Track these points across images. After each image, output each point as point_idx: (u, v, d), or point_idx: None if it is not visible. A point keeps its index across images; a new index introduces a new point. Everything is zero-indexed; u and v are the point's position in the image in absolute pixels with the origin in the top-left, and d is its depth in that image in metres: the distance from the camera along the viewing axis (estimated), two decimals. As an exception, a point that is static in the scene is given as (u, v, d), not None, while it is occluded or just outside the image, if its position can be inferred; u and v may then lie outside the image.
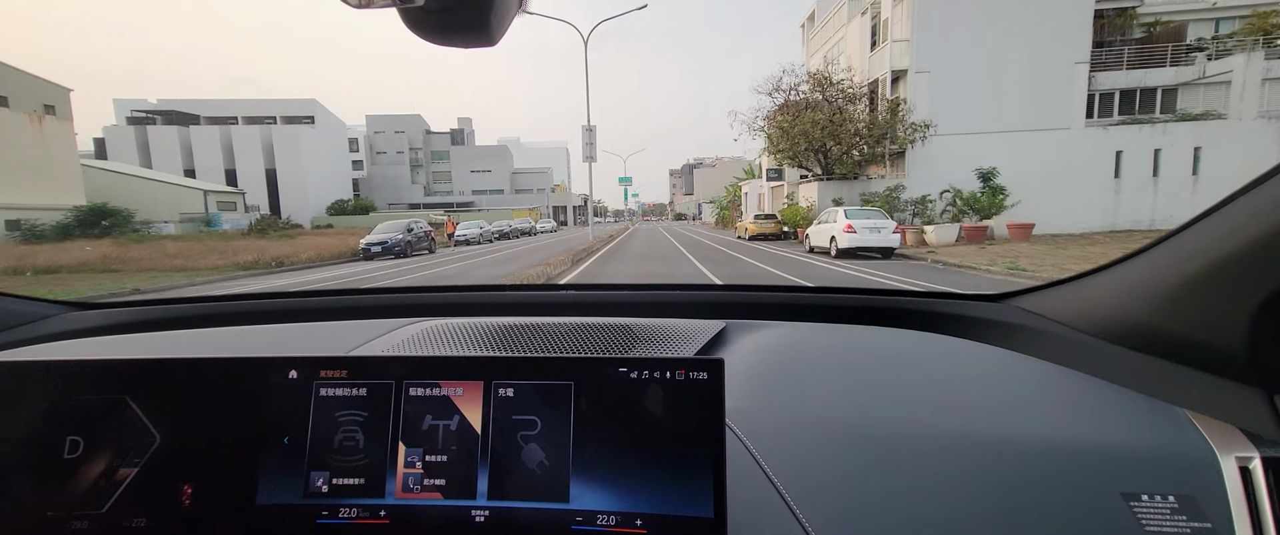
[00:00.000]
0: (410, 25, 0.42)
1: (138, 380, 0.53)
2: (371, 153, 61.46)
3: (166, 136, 46.54)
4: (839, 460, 0.58)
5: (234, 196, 40.08)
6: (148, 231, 27.72)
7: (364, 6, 0.36)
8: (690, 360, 0.49)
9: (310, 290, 1.26)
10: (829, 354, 0.83)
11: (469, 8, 0.41)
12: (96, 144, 46.71)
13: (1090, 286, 0.77)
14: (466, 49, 0.44)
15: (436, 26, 0.42)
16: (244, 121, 49.74)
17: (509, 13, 0.44)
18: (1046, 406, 0.66)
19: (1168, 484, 0.53)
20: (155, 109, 49.80)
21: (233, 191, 40.07)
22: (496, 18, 0.42)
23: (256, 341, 0.95)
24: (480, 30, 0.43)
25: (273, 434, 0.51)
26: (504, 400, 0.50)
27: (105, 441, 0.51)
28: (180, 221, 32.99)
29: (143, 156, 45.62)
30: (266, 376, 0.52)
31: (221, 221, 34.79)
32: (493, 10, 0.42)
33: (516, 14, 0.45)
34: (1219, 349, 0.59)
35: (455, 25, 0.42)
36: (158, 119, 48.71)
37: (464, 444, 0.50)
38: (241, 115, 50.24)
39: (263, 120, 49.75)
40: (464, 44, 0.44)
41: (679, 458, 0.47)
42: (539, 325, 0.91)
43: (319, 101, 51.92)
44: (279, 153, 47.78)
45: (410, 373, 0.51)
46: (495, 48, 0.44)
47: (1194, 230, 0.60)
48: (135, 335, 0.99)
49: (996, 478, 0.55)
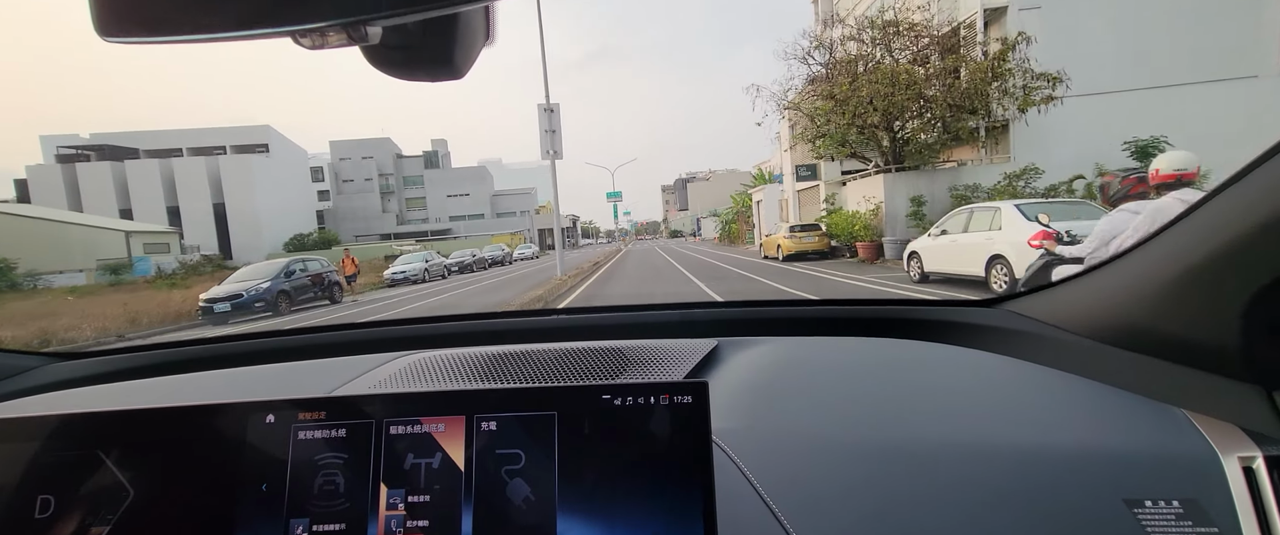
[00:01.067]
0: (372, 62, 0.41)
1: (111, 433, 0.51)
2: (337, 181, 56.52)
3: (98, 174, 41.39)
4: (834, 475, 0.57)
5: (165, 237, 34.87)
6: (35, 284, 22.64)
7: (317, 47, 0.35)
8: (674, 384, 0.49)
9: (294, 329, 1.20)
10: (822, 368, 0.82)
11: (432, 44, 0.40)
12: (18, 186, 41.47)
13: (1082, 287, 0.77)
14: (433, 82, 0.43)
15: (399, 62, 0.41)
16: (189, 153, 44.70)
17: (475, 46, 0.42)
18: (1044, 412, 0.66)
19: (1171, 488, 0.52)
20: (88, 144, 44.67)
21: (163, 231, 34.88)
22: (462, 52, 0.42)
23: (240, 384, 0.94)
24: (445, 64, 0.42)
25: (250, 482, 0.49)
26: (487, 434, 0.49)
27: (77, 499, 0.49)
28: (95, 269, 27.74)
29: (72, 198, 40.40)
30: (243, 422, 0.51)
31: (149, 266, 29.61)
32: (457, 45, 0.41)
33: (484, 46, 0.43)
34: (1213, 346, 0.58)
35: (419, 60, 0.41)
36: (92, 155, 43.61)
37: (447, 482, 0.48)
38: (187, 146, 45.22)
39: (211, 151, 44.73)
40: (429, 78, 0.43)
41: (667, 484, 0.47)
42: (528, 353, 0.88)
43: (274, 128, 47.10)
44: (228, 185, 42.72)
45: (390, 411, 0.50)
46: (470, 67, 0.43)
47: (1181, 226, 0.59)
48: (118, 384, 0.98)
49: (996, 487, 0.54)
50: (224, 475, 0.49)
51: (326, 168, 56.19)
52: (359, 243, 47.98)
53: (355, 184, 56.44)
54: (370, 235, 53.18)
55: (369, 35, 0.34)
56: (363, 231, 53.68)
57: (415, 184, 58.89)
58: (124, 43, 0.34)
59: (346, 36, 0.34)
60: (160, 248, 33.19)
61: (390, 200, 57.76)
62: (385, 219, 56.07)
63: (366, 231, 53.63)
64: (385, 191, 57.35)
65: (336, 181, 56.43)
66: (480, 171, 59.68)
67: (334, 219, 54.92)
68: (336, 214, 55.17)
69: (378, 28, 0.34)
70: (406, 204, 59.07)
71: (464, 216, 57.55)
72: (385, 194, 57.47)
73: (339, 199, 55.83)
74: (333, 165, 56.38)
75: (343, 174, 56.60)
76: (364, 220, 55.10)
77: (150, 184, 41.71)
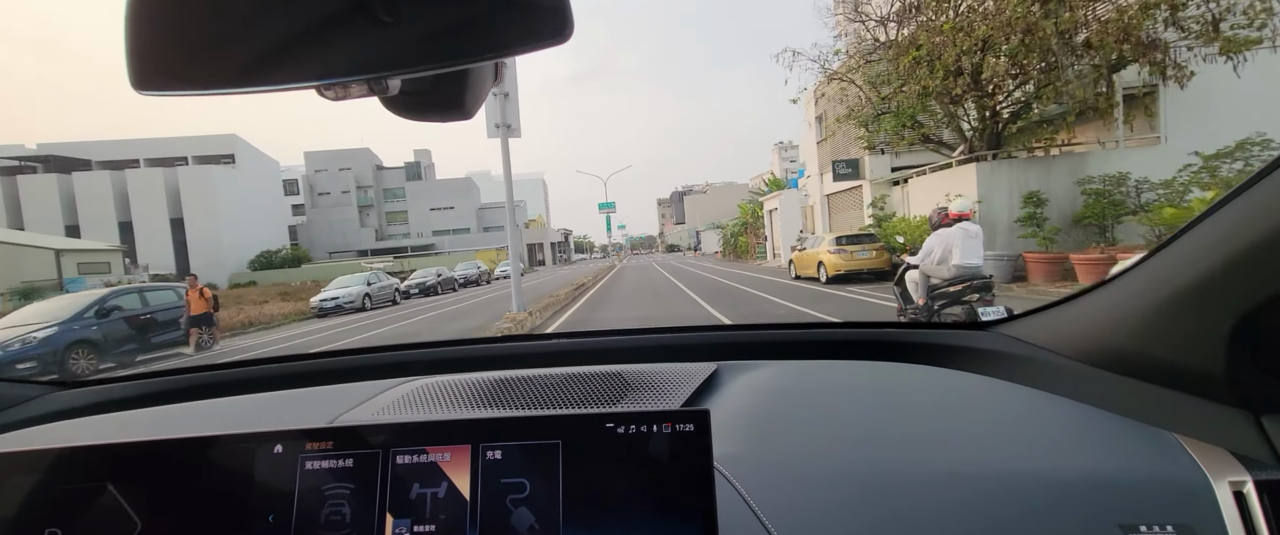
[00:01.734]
0: (388, 107, 0.42)
1: (120, 465, 0.51)
2: (312, 195, 53.08)
3: (43, 187, 37.72)
4: (833, 501, 0.58)
5: (105, 255, 31.18)
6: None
7: (340, 99, 0.36)
8: (676, 413, 0.49)
9: (297, 354, 1.21)
10: (820, 393, 0.84)
11: (445, 89, 0.41)
12: (-49, 201, 37.78)
13: (1073, 311, 0.77)
14: (444, 123, 0.44)
15: (413, 107, 0.43)
16: (147, 164, 41.20)
17: (484, 89, 0.44)
18: (1038, 436, 0.66)
19: (1165, 513, 0.52)
20: (34, 155, 41.00)
21: (102, 249, 31.17)
22: (472, 96, 0.43)
23: (244, 412, 0.94)
24: (456, 108, 0.43)
25: (257, 512, 0.49)
26: (492, 463, 0.49)
27: (85, 531, 0.49)
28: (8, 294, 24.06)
29: (11, 214, 36.65)
30: (251, 452, 0.51)
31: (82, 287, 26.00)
32: (468, 90, 0.42)
33: (492, 88, 0.45)
34: (1201, 372, 0.59)
35: (432, 105, 0.43)
36: (38, 167, 39.99)
37: (452, 512, 0.48)
38: (144, 157, 41.70)
39: (171, 162, 41.20)
40: (441, 120, 0.44)
41: (669, 512, 0.47)
42: (530, 377, 0.89)
43: (242, 138, 43.66)
44: (188, 198, 39.16)
45: (397, 440, 0.50)
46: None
47: (1166, 253, 0.60)
48: (121, 414, 0.97)
49: (992, 513, 0.54)
50: (231, 506, 0.49)
51: (301, 180, 52.76)
52: (334, 259, 44.44)
53: (331, 197, 53.00)
54: (346, 251, 49.65)
55: (389, 87, 0.36)
56: (339, 247, 50.13)
57: (396, 197, 55.55)
58: (158, 96, 0.35)
59: (368, 89, 0.36)
60: (99, 268, 29.52)
61: (369, 214, 54.31)
62: (363, 234, 52.57)
63: (343, 247, 50.10)
64: (364, 205, 53.92)
65: (311, 195, 52.98)
66: (465, 184, 56.47)
67: (308, 234, 51.37)
68: (311, 229, 51.62)
69: (397, 80, 0.36)
70: (387, 218, 55.64)
71: (448, 231, 54.19)
72: (364, 207, 54.03)
73: (314, 213, 52.33)
74: (308, 177, 52.96)
75: (318, 186, 53.18)
76: (340, 235, 51.58)
77: (101, 197, 38.06)
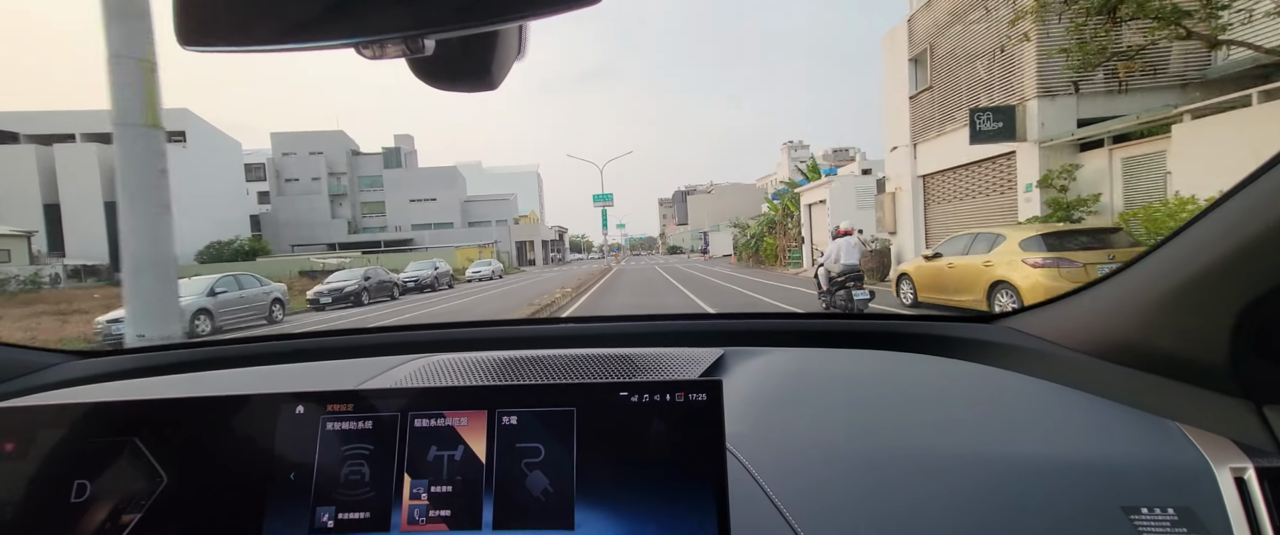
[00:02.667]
0: (417, 73, 0.43)
1: (146, 420, 0.53)
2: (279, 180, 48.13)
3: (-47, 161, 32.63)
4: (840, 481, 0.59)
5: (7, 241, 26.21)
6: None
7: (376, 58, 0.37)
8: (689, 382, 0.50)
9: (313, 331, 1.21)
10: (826, 378, 0.84)
11: (473, 56, 0.43)
12: None
13: (1077, 305, 0.79)
14: (469, 93, 0.46)
15: (442, 74, 0.44)
16: (84, 138, 36.16)
17: (509, 59, 0.45)
18: (1043, 424, 0.67)
19: (1166, 497, 0.53)
20: (-50, 125, 35.86)
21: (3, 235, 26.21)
22: (498, 65, 0.44)
23: (261, 382, 0.94)
24: (483, 76, 0.44)
25: (279, 470, 0.51)
26: (507, 429, 0.50)
27: (113, 484, 0.51)
28: None
29: (-84, 190, 31.61)
30: (273, 412, 0.52)
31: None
32: (494, 59, 0.43)
33: (516, 60, 0.46)
34: (1204, 363, 0.60)
35: (460, 72, 0.44)
36: (-45, 139, 34.91)
37: (469, 473, 0.50)
38: (82, 131, 36.67)
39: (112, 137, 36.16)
40: (468, 89, 0.45)
41: (681, 480, 0.48)
42: (540, 357, 0.91)
43: (194, 113, 38.70)
44: (127, 179, 34.18)
45: (415, 404, 0.51)
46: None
47: (1171, 246, 0.61)
48: (139, 380, 0.99)
49: (997, 495, 0.55)
50: (254, 464, 0.51)
51: (268, 164, 47.79)
52: (297, 253, 39.57)
53: (300, 184, 48.09)
54: (315, 244, 44.80)
55: (425, 47, 0.37)
56: (306, 240, 45.27)
57: (373, 186, 50.72)
58: (203, 51, 0.36)
59: (404, 48, 0.36)
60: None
61: (342, 204, 49.47)
62: (334, 226, 47.73)
63: (311, 240, 45.25)
64: (336, 194, 49.06)
65: (278, 181, 48.04)
66: (450, 174, 51.66)
67: (273, 224, 46.46)
68: (277, 219, 46.71)
69: (433, 41, 0.37)
70: (362, 209, 50.84)
71: (429, 225, 49.39)
72: (336, 196, 49.18)
73: (280, 201, 47.41)
74: (274, 161, 48.01)
75: (286, 171, 48.24)
76: (309, 226, 46.71)
77: (23, 175, 33.06)
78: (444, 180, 50.98)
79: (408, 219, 49.15)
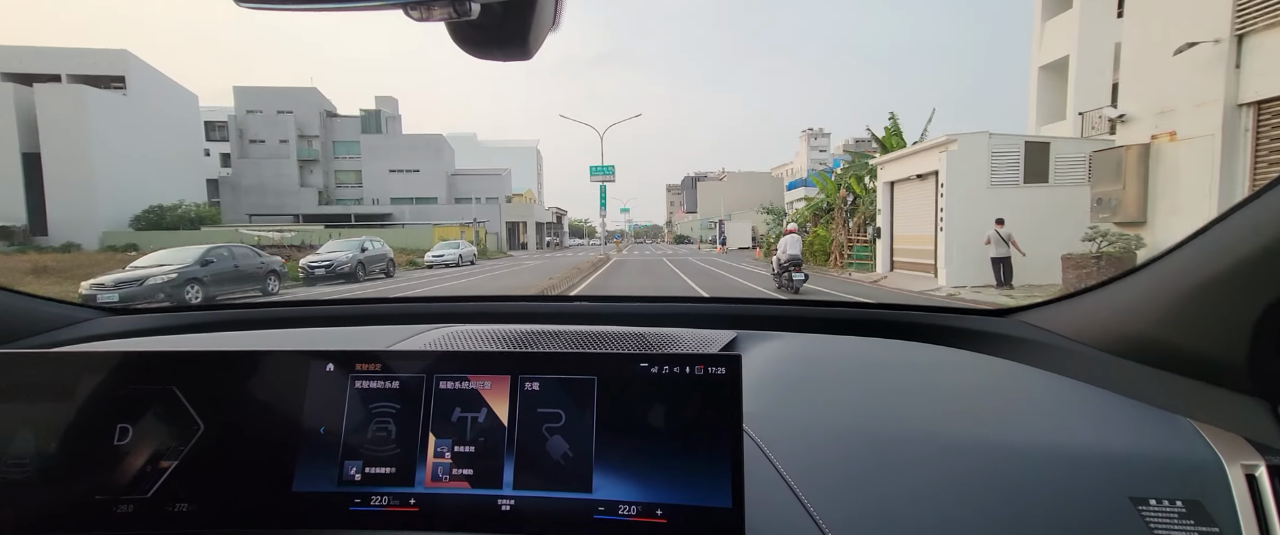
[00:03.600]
0: (455, 38, 0.44)
1: (185, 370, 0.55)
2: (242, 142, 42.75)
3: None
4: (852, 465, 0.59)
5: None
6: None
7: (424, 20, 0.37)
8: (709, 356, 0.51)
9: (337, 299, 1.24)
10: (840, 364, 0.84)
11: (512, 22, 0.43)
12: None
13: (1094, 301, 0.79)
14: (505, 61, 0.47)
15: (481, 41, 0.45)
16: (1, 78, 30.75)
17: (545, 29, 0.46)
18: (1055, 417, 0.68)
19: (1175, 489, 0.54)
20: None
21: None
22: (535, 35, 0.45)
23: (287, 343, 0.95)
24: (520, 44, 0.45)
25: (310, 424, 0.53)
26: (530, 394, 0.52)
27: (153, 429, 0.53)
28: None
29: None
30: (305, 369, 0.54)
31: None
32: (532, 27, 0.44)
33: (550, 30, 0.46)
34: (1221, 361, 0.60)
35: (497, 39, 0.45)
36: None
37: (491, 435, 0.51)
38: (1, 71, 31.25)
39: (35, 77, 30.68)
40: (503, 58, 0.46)
41: (698, 450, 0.49)
42: (556, 333, 0.92)
43: (137, 56, 33.22)
44: (49, 129, 28.85)
45: (440, 367, 0.53)
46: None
47: (1193, 245, 0.62)
48: (170, 337, 1.02)
49: (1007, 483, 0.56)
50: (286, 417, 0.53)
51: (231, 122, 42.37)
52: (255, 224, 34.36)
53: (267, 146, 42.75)
54: (280, 215, 39.60)
55: (472, 10, 0.37)
56: (271, 209, 40.07)
57: (349, 152, 45.38)
58: (256, 8, 0.37)
59: (452, 10, 0.36)
60: None
61: (313, 171, 44.17)
62: (303, 195, 42.49)
63: (277, 209, 40.05)
64: (307, 159, 43.75)
65: (242, 141, 42.67)
66: (435, 143, 46.25)
67: (233, 191, 41.25)
68: (237, 184, 41.49)
69: (478, 5, 0.37)
70: (336, 177, 45.57)
71: (410, 199, 44.12)
72: (307, 162, 43.87)
73: (242, 165, 42.11)
74: (238, 119, 42.59)
75: (251, 131, 42.86)
76: (274, 194, 41.50)
77: (-81, 117, 27.69)
78: (429, 150, 45.62)
79: (387, 191, 43.88)
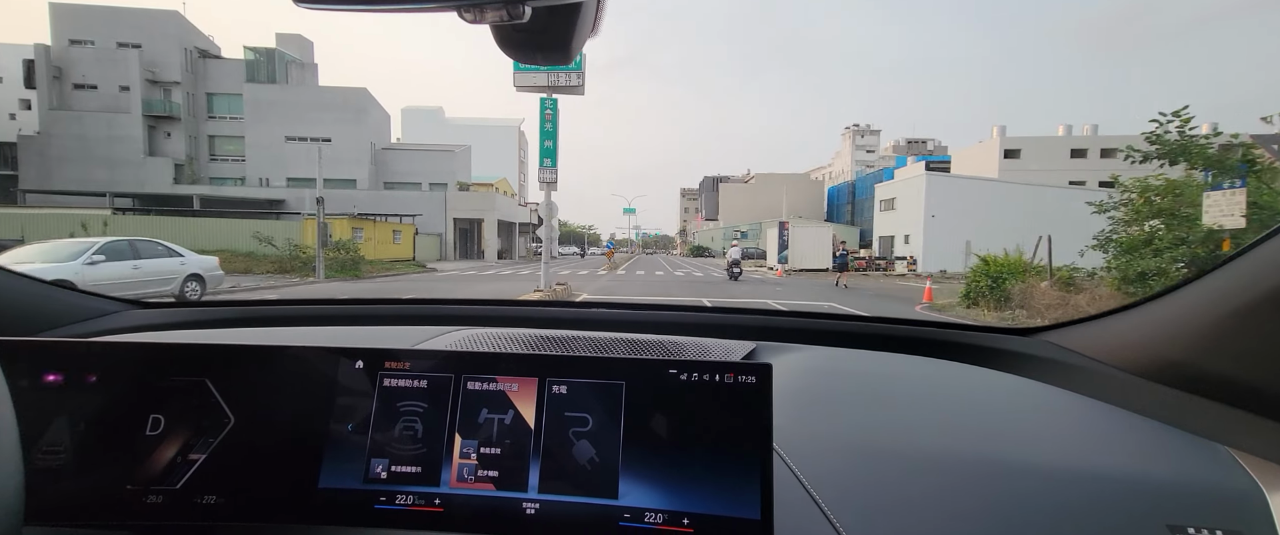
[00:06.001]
0: (500, 41, 0.45)
1: (217, 363, 0.56)
2: (62, 86, 29.25)
3: None
4: (877, 482, 0.58)
5: None
6: None
7: (476, 22, 0.37)
8: (739, 365, 0.50)
9: (361, 298, 1.26)
10: (863, 379, 0.84)
11: (557, 27, 0.44)
12: None
13: (1122, 323, 0.79)
14: (545, 65, 0.48)
15: (525, 45, 0.45)
16: None
17: (585, 33, 0.46)
18: (1085, 439, 0.67)
19: (1214, 519, 0.52)
20: None
21: None
22: (577, 39, 0.45)
23: (312, 340, 0.96)
24: (562, 49, 0.46)
25: (338, 420, 0.53)
26: (557, 397, 0.52)
27: (184, 421, 0.54)
28: None
29: None
30: (334, 365, 0.55)
31: None
32: (574, 33, 0.44)
33: (590, 36, 0.47)
34: (1259, 388, 0.60)
35: (541, 45, 0.45)
36: None
37: (517, 438, 0.51)
38: None
39: None
40: (544, 61, 0.47)
41: (726, 459, 0.48)
42: (578, 338, 0.92)
43: None
44: None
45: (468, 367, 0.54)
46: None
47: (1228, 269, 0.61)
48: (196, 331, 1.02)
49: (1038, 506, 0.55)
50: (314, 412, 0.53)
51: (41, 58, 28.77)
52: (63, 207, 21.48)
53: (99, 94, 29.48)
54: (124, 194, 26.49)
55: (524, 13, 0.37)
56: (99, 185, 26.90)
57: (232, 110, 32.34)
58: (316, 8, 0.37)
59: (505, 13, 0.37)
60: None
61: (170, 134, 31.02)
62: (152, 168, 29.47)
63: (108, 186, 26.90)
64: (162, 115, 30.56)
65: (59, 86, 29.19)
66: (356, 99, 33.38)
67: (40, 156, 27.88)
68: (48, 147, 28.13)
69: (530, 8, 0.37)
70: (210, 144, 32.49)
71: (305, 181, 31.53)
72: (160, 120, 30.70)
73: (58, 118, 28.69)
74: (55, 53, 29.06)
75: (75, 71, 29.46)
76: (106, 164, 28.44)
77: None
78: (347, 110, 32.80)
79: (282, 166, 31.07)
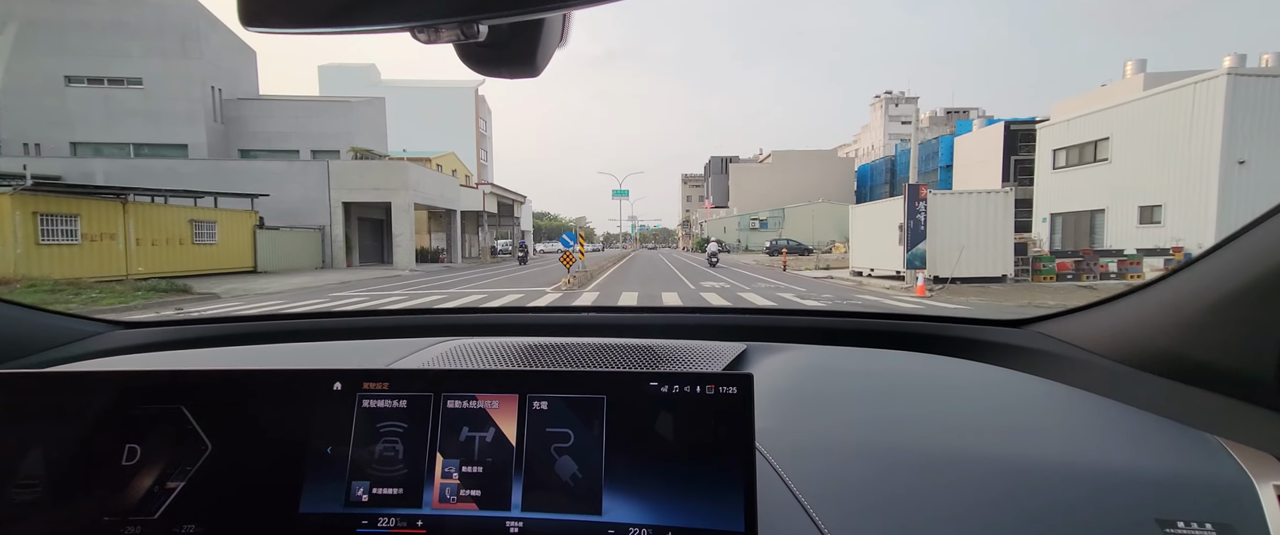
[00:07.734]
0: (464, 59, 0.45)
1: (194, 390, 0.55)
2: None
3: None
4: (865, 482, 0.58)
5: None
6: None
7: (431, 42, 0.38)
8: (720, 375, 0.50)
9: (348, 310, 1.25)
10: (852, 377, 0.84)
11: (518, 44, 0.44)
12: None
13: (1113, 313, 0.78)
14: (512, 78, 0.48)
15: (489, 60, 0.45)
16: None
17: (552, 46, 0.46)
18: (1075, 432, 0.67)
19: (1204, 511, 0.52)
20: None
21: None
22: (542, 51, 0.45)
23: (298, 358, 0.97)
24: (528, 62, 0.46)
25: (317, 444, 0.53)
26: (538, 413, 0.52)
27: (161, 449, 0.53)
28: None
29: None
30: (313, 388, 0.54)
31: None
32: (540, 45, 0.45)
33: (558, 47, 0.47)
34: (1250, 376, 0.59)
35: (505, 59, 0.45)
36: None
37: (499, 456, 0.51)
38: None
39: None
40: (510, 75, 0.47)
41: (709, 471, 0.48)
42: (565, 345, 0.93)
43: None
44: None
45: (448, 385, 0.53)
46: None
47: (1218, 256, 0.61)
48: (180, 352, 1.03)
49: (1027, 502, 0.54)
50: (294, 436, 0.53)
51: None
52: None
53: None
54: None
55: (479, 32, 0.37)
56: None
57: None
58: (264, 32, 0.37)
59: (459, 32, 0.37)
60: None
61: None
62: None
63: None
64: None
65: None
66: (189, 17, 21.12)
67: None
68: None
69: (486, 26, 0.37)
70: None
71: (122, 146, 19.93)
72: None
73: None
74: None
75: None
76: None
77: None
78: (168, 35, 20.76)
79: (67, 128, 19.99)
